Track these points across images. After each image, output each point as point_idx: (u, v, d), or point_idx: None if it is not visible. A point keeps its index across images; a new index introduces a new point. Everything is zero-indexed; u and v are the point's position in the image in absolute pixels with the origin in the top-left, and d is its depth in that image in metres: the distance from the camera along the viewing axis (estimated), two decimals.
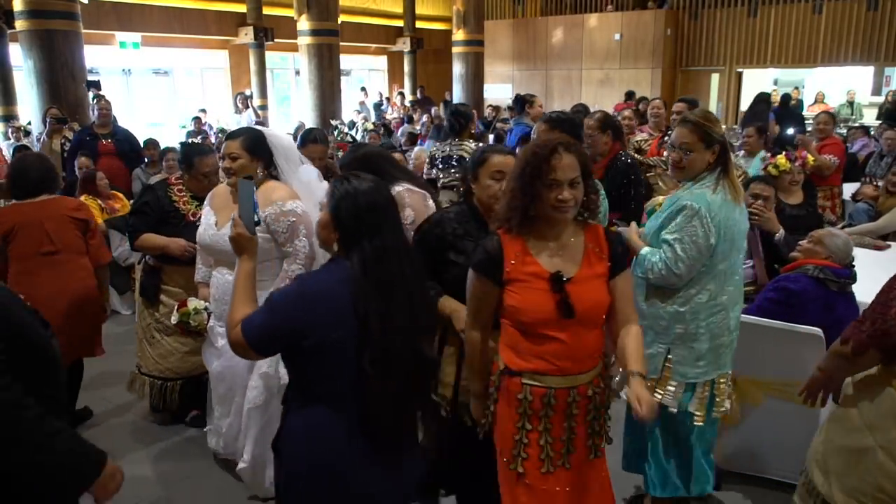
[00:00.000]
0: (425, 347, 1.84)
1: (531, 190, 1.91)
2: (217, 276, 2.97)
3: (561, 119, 3.27)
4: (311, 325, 1.68)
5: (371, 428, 1.72)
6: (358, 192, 1.75)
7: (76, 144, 6.69)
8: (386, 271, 1.72)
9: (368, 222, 1.73)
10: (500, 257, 1.96)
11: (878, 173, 6.67)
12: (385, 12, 17.26)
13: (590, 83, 15.40)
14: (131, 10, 12.59)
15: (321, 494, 1.75)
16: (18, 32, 8.35)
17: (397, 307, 1.73)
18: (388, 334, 1.69)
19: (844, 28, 13.34)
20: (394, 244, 1.76)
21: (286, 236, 2.78)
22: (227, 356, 2.91)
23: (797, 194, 4.33)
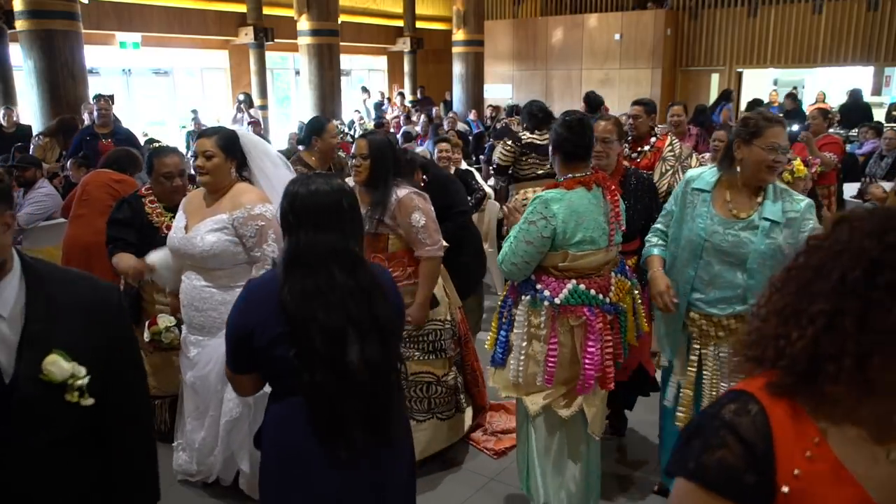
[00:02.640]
0: (366, 348, 1.73)
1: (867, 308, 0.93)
2: (185, 282, 2.86)
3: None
4: (255, 324, 1.75)
5: (314, 421, 1.73)
6: (298, 193, 1.78)
7: (77, 144, 6.69)
8: (311, 268, 1.73)
9: (298, 221, 1.76)
10: (769, 453, 0.96)
11: (878, 173, 6.66)
12: (385, 12, 17.26)
13: (590, 83, 15.37)
14: (131, 10, 12.58)
15: (287, 484, 1.79)
16: (18, 32, 8.34)
17: (323, 304, 1.71)
18: (310, 330, 1.70)
19: (844, 28, 13.34)
20: (328, 243, 1.74)
21: (254, 241, 2.71)
22: (200, 366, 2.84)
23: None
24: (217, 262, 2.75)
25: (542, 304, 2.54)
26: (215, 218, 2.74)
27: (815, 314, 0.96)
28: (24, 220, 5.17)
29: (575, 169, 2.57)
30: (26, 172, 5.35)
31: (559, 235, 2.48)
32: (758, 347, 1.04)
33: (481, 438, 3.51)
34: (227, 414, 2.80)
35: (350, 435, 1.73)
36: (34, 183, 5.35)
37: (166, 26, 13.18)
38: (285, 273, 1.76)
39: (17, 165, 5.61)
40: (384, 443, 1.79)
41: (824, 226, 1.05)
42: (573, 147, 2.56)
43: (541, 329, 2.55)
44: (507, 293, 2.72)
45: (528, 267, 2.53)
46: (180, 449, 3.10)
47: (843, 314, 0.94)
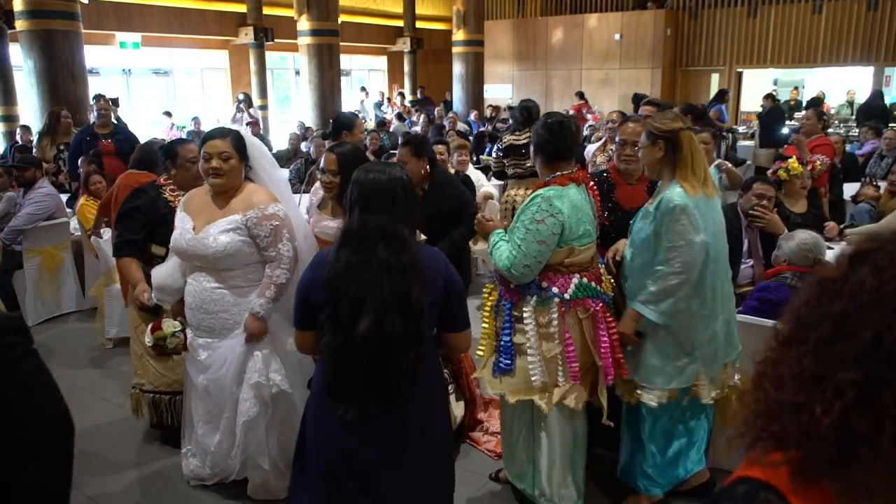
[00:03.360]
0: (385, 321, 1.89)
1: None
2: (193, 284, 2.80)
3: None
4: (310, 288, 2.04)
5: (325, 381, 2.00)
6: (359, 178, 2.01)
7: (77, 144, 6.69)
8: (359, 245, 1.94)
9: (356, 203, 1.98)
10: None
11: (878, 173, 6.66)
12: (385, 12, 17.26)
13: (590, 83, 15.39)
14: (131, 10, 12.58)
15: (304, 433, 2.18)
16: (18, 32, 8.34)
17: (357, 279, 1.91)
18: (340, 300, 1.92)
19: (844, 28, 13.34)
20: (378, 223, 1.94)
21: (269, 241, 2.71)
22: (214, 368, 2.80)
23: (801, 203, 4.25)
24: (229, 263, 2.73)
25: (552, 302, 2.56)
26: (228, 219, 2.71)
27: (844, 384, 0.74)
28: (24, 220, 5.17)
29: (559, 168, 2.62)
30: (26, 172, 5.35)
31: (566, 231, 2.52)
32: (775, 421, 0.81)
33: (482, 439, 3.51)
34: (245, 414, 2.77)
35: (356, 398, 1.94)
36: (34, 183, 5.34)
37: (166, 26, 13.18)
38: (337, 249, 1.98)
39: (17, 165, 5.61)
40: (393, 411, 1.96)
41: (839, 261, 0.82)
42: (555, 149, 2.61)
43: (549, 328, 2.56)
44: (501, 296, 2.67)
45: (540, 267, 2.53)
46: (190, 455, 3.07)
47: (879, 385, 0.72)
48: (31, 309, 5.31)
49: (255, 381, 2.75)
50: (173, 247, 2.83)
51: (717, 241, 2.60)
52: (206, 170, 2.72)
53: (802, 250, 2.96)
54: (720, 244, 2.63)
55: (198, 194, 2.88)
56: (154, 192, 3.31)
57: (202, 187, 2.89)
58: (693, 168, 2.52)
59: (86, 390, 4.15)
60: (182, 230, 2.78)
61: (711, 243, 2.53)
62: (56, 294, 5.47)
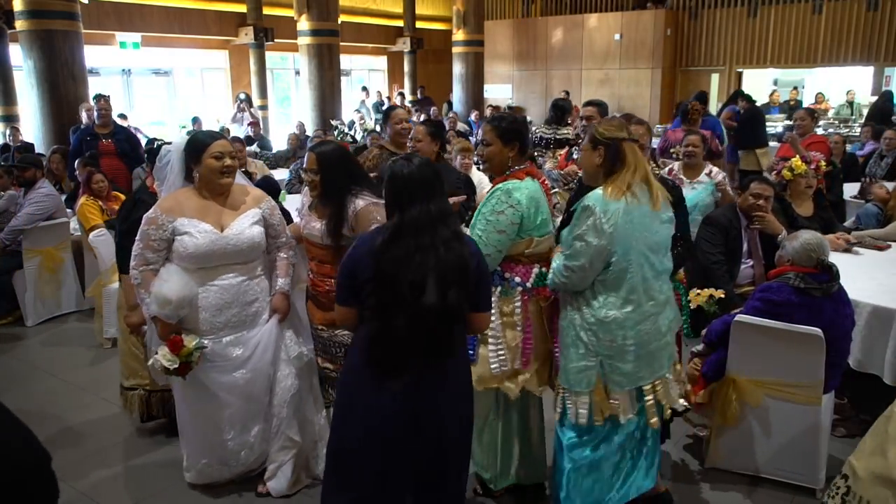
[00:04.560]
0: (438, 296, 2.05)
1: None
2: (220, 283, 2.81)
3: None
4: (357, 266, 2.17)
5: (377, 355, 2.15)
6: (403, 174, 2.15)
7: (77, 144, 6.70)
8: (420, 230, 2.09)
9: (410, 196, 2.13)
10: None
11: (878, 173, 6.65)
12: (385, 12, 17.26)
13: (590, 83, 15.38)
14: (131, 10, 12.58)
15: (343, 392, 2.31)
16: (18, 32, 8.34)
17: (411, 262, 2.06)
18: (398, 283, 2.06)
19: (844, 28, 13.33)
20: (427, 213, 2.11)
21: (279, 228, 2.98)
22: (253, 360, 2.85)
23: (808, 205, 4.21)
24: (256, 253, 2.91)
25: (515, 291, 2.68)
26: (251, 212, 2.88)
27: None
28: (24, 220, 5.17)
29: (522, 161, 2.77)
30: (26, 172, 5.35)
31: (525, 220, 2.63)
32: None
33: None
34: (288, 391, 2.95)
35: (411, 365, 2.11)
36: (34, 183, 5.34)
37: (166, 26, 13.18)
38: (392, 237, 2.10)
39: (17, 165, 5.61)
40: (439, 376, 2.16)
41: None
42: (524, 144, 2.76)
43: (513, 316, 2.68)
44: None
45: (500, 256, 2.64)
46: (204, 466, 3.03)
47: None
48: (31, 309, 5.31)
49: (296, 354, 2.96)
50: (191, 252, 2.73)
51: (644, 254, 2.45)
52: (220, 168, 2.77)
53: (806, 250, 2.95)
54: (652, 259, 2.48)
55: (182, 198, 2.81)
56: (151, 199, 3.18)
57: (179, 191, 2.83)
58: (631, 178, 2.45)
59: (86, 390, 4.15)
60: (199, 233, 2.73)
61: (630, 255, 2.42)
62: (56, 294, 5.47)
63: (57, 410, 3.89)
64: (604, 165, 2.52)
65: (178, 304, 2.71)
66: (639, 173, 2.47)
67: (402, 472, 2.23)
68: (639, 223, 2.43)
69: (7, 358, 4.72)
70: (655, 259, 2.50)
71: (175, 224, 2.75)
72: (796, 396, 2.94)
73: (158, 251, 2.76)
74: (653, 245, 2.48)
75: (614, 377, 2.48)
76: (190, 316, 2.79)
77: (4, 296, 5.30)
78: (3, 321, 5.32)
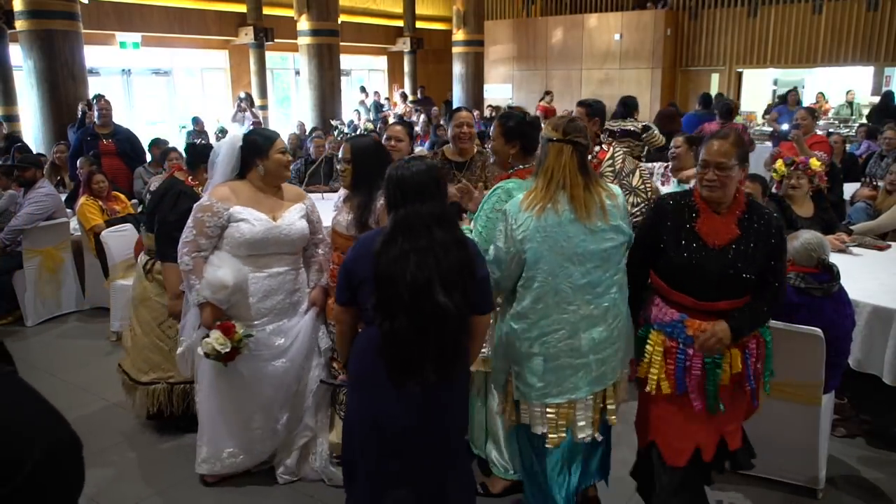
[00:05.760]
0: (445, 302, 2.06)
1: None
2: (268, 272, 2.92)
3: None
4: (357, 266, 2.20)
5: (387, 359, 2.14)
6: (402, 175, 2.16)
7: (77, 144, 6.70)
8: (414, 231, 2.10)
9: (404, 196, 2.14)
10: None
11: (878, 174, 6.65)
12: (385, 12, 17.27)
13: (590, 83, 15.40)
14: (131, 10, 12.59)
15: (353, 396, 2.32)
16: (18, 32, 8.35)
17: (416, 262, 2.06)
18: (397, 285, 2.06)
19: (844, 28, 13.34)
20: (432, 209, 2.11)
21: (318, 225, 3.14)
22: (294, 348, 2.98)
23: (807, 206, 4.21)
24: (302, 245, 3.06)
25: None
26: (298, 206, 3.04)
27: None
28: (24, 220, 5.17)
29: (526, 161, 2.81)
30: (26, 172, 5.35)
31: None
32: None
33: None
34: (316, 380, 3.06)
35: (426, 371, 2.10)
36: (34, 183, 5.34)
37: (166, 26, 13.18)
38: (387, 240, 2.12)
39: (17, 165, 5.61)
40: (447, 379, 2.14)
41: None
42: (530, 144, 2.78)
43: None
44: None
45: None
46: (228, 456, 3.06)
47: None
48: (31, 309, 5.30)
49: (327, 346, 3.08)
50: (248, 239, 2.84)
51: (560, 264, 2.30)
52: (286, 163, 2.99)
53: (807, 250, 2.95)
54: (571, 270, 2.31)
55: (236, 188, 2.92)
56: (190, 191, 3.41)
57: (230, 182, 2.94)
58: (549, 183, 2.32)
59: (86, 390, 4.15)
60: (255, 221, 2.87)
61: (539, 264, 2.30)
62: (56, 294, 5.47)
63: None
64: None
65: (234, 289, 2.82)
66: (556, 180, 2.31)
67: (412, 477, 2.24)
68: (554, 232, 2.28)
69: None
70: (576, 270, 2.30)
71: (231, 211, 2.86)
72: (796, 396, 2.94)
73: (211, 238, 2.86)
74: (573, 256, 2.29)
75: (520, 387, 2.40)
76: (240, 302, 2.88)
77: (4, 296, 5.29)
78: (3, 321, 5.32)
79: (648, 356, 2.39)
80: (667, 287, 2.37)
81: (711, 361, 2.31)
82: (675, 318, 2.33)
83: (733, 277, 2.28)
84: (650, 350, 2.39)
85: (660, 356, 2.37)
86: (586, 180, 2.33)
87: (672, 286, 2.35)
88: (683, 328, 2.32)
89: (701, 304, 2.30)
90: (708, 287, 2.29)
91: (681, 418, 2.36)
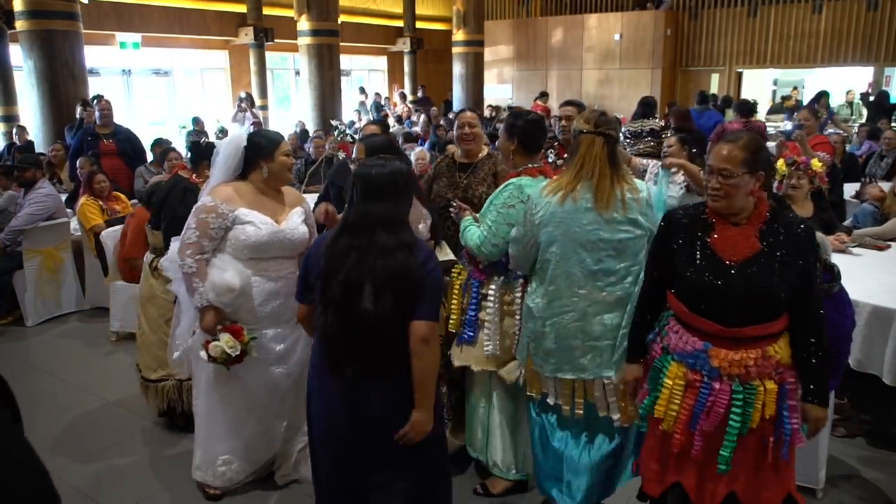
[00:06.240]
0: (370, 302, 2.03)
1: None
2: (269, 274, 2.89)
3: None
4: (311, 265, 2.22)
5: (321, 353, 2.18)
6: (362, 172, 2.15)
7: (78, 145, 6.70)
8: (357, 230, 2.10)
9: (358, 194, 2.14)
10: None
11: (878, 173, 6.66)
12: (385, 12, 17.26)
13: (590, 83, 15.40)
14: (131, 10, 12.58)
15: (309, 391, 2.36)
16: (18, 32, 8.34)
17: (346, 260, 2.07)
18: (332, 282, 2.08)
19: (844, 28, 13.34)
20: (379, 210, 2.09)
21: (314, 229, 3.09)
22: (292, 361, 2.95)
23: (807, 207, 4.20)
24: (302, 248, 2.99)
25: (516, 283, 2.80)
26: (298, 209, 3.02)
27: None
28: (25, 221, 5.17)
29: (532, 160, 2.84)
30: (26, 172, 5.35)
31: None
32: None
33: None
34: None
35: (347, 369, 2.10)
36: (34, 183, 5.34)
37: (166, 26, 13.18)
38: (336, 234, 2.14)
39: (17, 166, 5.61)
40: (378, 378, 2.12)
41: None
42: (534, 142, 2.84)
43: (512, 305, 2.81)
44: (470, 276, 2.91)
45: (507, 247, 2.72)
46: (223, 464, 3.02)
47: None
48: (31, 309, 5.31)
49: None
50: (253, 242, 2.80)
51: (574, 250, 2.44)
52: (290, 165, 2.99)
53: None
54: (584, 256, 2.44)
55: (239, 190, 2.88)
56: (195, 188, 3.48)
57: (233, 183, 2.89)
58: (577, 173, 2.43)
59: (86, 390, 4.15)
60: (260, 223, 2.82)
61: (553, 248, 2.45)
62: (56, 294, 5.47)
63: (57, 410, 3.89)
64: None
65: (240, 292, 2.78)
66: (587, 170, 2.41)
67: (357, 472, 2.23)
68: (569, 218, 2.41)
69: (7, 358, 4.71)
70: (588, 256, 2.43)
71: (237, 213, 2.81)
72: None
73: (214, 239, 2.80)
74: (586, 243, 2.41)
75: (536, 359, 2.60)
76: (243, 306, 2.83)
77: (4, 296, 5.29)
78: (3, 321, 5.32)
79: (667, 391, 2.12)
80: (686, 311, 2.11)
81: (742, 398, 2.02)
82: (698, 348, 2.06)
83: (759, 298, 2.01)
84: (669, 384, 2.11)
85: (681, 390, 2.09)
86: (613, 172, 2.45)
87: (691, 309, 2.09)
88: (707, 359, 2.04)
89: (726, 330, 2.03)
90: (731, 310, 2.02)
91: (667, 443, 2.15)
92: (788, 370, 2.07)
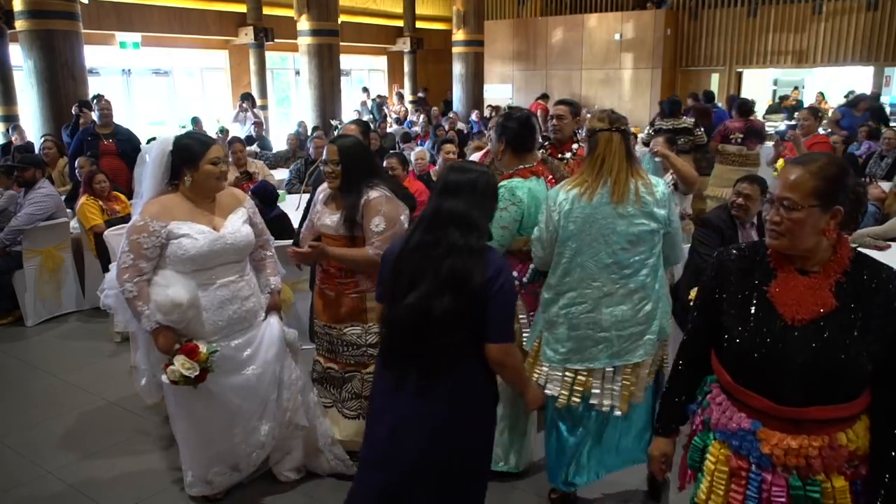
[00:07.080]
0: (433, 306, 2.00)
1: None
2: (218, 282, 2.78)
3: None
4: (385, 262, 2.23)
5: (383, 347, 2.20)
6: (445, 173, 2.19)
7: (77, 145, 6.70)
8: (429, 226, 2.09)
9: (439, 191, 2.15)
10: None
11: (878, 173, 6.66)
12: (385, 12, 17.26)
13: (590, 83, 15.40)
14: (131, 10, 12.58)
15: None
16: (18, 32, 8.35)
17: (416, 254, 2.07)
18: (402, 274, 2.08)
19: (844, 28, 13.34)
20: (452, 208, 2.08)
21: (261, 227, 3.04)
22: (260, 357, 2.87)
23: None
24: (248, 251, 2.94)
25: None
26: (239, 212, 2.90)
27: None
28: (24, 221, 5.17)
29: (524, 160, 2.88)
30: (26, 172, 5.35)
31: (526, 218, 2.78)
32: None
33: None
34: (295, 382, 3.01)
35: (403, 366, 2.09)
36: (34, 183, 5.34)
37: (166, 26, 13.18)
38: (411, 231, 2.17)
39: (17, 165, 5.61)
40: (431, 381, 2.06)
41: None
42: (523, 142, 2.87)
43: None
44: None
45: (502, 249, 2.79)
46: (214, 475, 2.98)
47: None
48: (31, 309, 5.31)
49: (291, 339, 3.02)
50: (192, 255, 2.68)
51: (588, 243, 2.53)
52: (217, 174, 2.75)
53: None
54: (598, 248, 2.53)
55: (168, 203, 2.74)
56: None
57: (161, 197, 2.75)
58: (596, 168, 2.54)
59: (86, 390, 4.15)
60: (198, 234, 2.70)
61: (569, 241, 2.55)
62: (56, 294, 5.47)
63: (57, 410, 3.89)
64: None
65: (188, 306, 2.63)
66: (607, 166, 2.52)
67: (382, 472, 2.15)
68: (586, 213, 2.51)
69: (7, 358, 4.72)
70: (603, 250, 2.51)
71: (169, 228, 2.67)
72: None
73: (151, 259, 2.66)
74: (600, 236, 2.51)
75: (546, 350, 2.66)
76: (195, 319, 2.70)
77: (4, 296, 5.30)
78: (3, 321, 5.33)
79: (709, 475, 1.71)
80: (731, 381, 1.68)
81: (803, 495, 1.59)
82: (745, 428, 1.64)
83: (829, 372, 1.55)
84: (710, 468, 1.71)
85: (724, 477, 1.68)
86: (630, 166, 2.54)
87: (738, 380, 1.66)
88: (756, 442, 1.62)
89: (781, 409, 1.59)
90: (790, 384, 1.58)
91: None
92: (866, 463, 1.61)
